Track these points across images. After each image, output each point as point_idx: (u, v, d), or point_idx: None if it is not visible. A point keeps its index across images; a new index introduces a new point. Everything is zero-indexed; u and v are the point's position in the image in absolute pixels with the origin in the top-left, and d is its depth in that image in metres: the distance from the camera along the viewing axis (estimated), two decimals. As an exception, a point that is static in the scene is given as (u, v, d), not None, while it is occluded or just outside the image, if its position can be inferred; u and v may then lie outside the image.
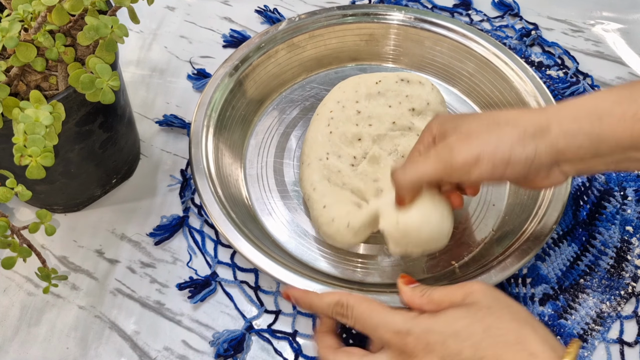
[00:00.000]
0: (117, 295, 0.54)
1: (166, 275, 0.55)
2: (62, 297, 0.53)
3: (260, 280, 0.55)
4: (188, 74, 0.68)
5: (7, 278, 0.54)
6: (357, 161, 0.55)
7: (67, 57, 0.46)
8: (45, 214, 0.43)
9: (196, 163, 0.55)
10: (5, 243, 0.41)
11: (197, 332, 0.52)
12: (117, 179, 0.59)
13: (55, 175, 0.51)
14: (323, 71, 0.68)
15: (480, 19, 0.76)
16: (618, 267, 0.55)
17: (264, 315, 0.53)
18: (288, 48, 0.66)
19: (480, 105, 0.65)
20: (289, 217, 0.57)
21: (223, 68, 0.62)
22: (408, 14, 0.67)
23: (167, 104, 0.66)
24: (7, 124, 0.42)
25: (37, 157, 0.40)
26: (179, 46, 0.71)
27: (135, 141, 0.61)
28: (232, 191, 0.57)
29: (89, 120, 0.49)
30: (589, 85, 0.69)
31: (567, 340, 0.51)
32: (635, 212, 0.58)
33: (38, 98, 0.43)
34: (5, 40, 0.41)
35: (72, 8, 0.44)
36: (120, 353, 0.51)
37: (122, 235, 0.57)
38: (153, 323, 0.52)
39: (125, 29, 0.45)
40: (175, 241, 0.57)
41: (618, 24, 0.76)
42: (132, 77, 0.68)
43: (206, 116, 0.59)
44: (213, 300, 0.54)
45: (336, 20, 0.67)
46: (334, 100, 0.59)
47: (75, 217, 0.58)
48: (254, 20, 0.74)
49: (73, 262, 0.55)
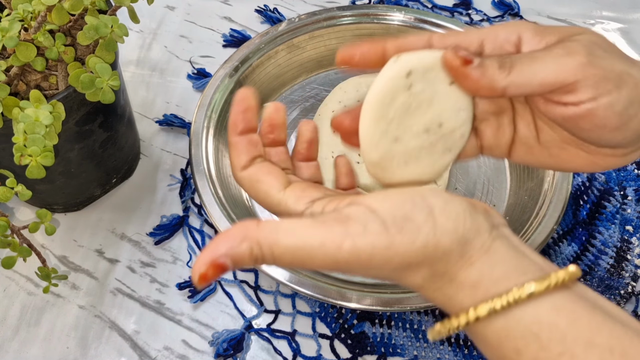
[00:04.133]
0: (117, 295, 0.54)
1: (166, 275, 0.55)
2: (62, 297, 0.53)
3: (260, 279, 0.55)
4: (188, 73, 0.68)
5: (7, 278, 0.54)
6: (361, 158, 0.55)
7: (67, 56, 0.46)
8: (45, 213, 0.44)
9: (196, 164, 0.55)
10: (5, 243, 0.41)
11: (197, 332, 0.52)
12: (117, 179, 0.59)
13: (55, 175, 0.51)
14: (323, 72, 0.68)
15: (480, 18, 0.76)
16: (618, 266, 0.55)
17: (264, 315, 0.53)
18: (288, 49, 0.66)
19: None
20: (289, 217, 0.57)
21: (223, 69, 0.62)
22: (408, 14, 0.67)
23: (167, 103, 0.66)
24: (7, 123, 0.42)
25: (37, 157, 0.40)
26: (179, 46, 0.71)
27: (135, 141, 0.61)
28: (232, 192, 0.57)
29: (89, 120, 0.49)
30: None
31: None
32: (635, 212, 0.58)
33: (38, 98, 0.43)
34: (5, 39, 0.41)
35: (72, 8, 0.44)
36: (120, 353, 0.51)
37: (122, 235, 0.57)
38: (153, 323, 0.52)
39: (125, 29, 0.45)
40: (175, 241, 0.57)
41: (618, 23, 0.76)
42: (132, 77, 0.68)
43: (206, 117, 0.59)
44: (213, 300, 0.54)
45: (336, 21, 0.67)
46: (335, 100, 0.59)
47: (75, 216, 0.58)
48: (254, 20, 0.74)
49: (73, 262, 0.55)
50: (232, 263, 0.27)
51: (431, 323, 0.52)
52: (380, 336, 0.52)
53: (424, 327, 0.52)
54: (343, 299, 0.49)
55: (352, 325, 0.52)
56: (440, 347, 0.51)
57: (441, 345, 0.51)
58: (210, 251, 0.27)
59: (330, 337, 0.52)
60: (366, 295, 0.49)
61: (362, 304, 0.49)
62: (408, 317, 0.53)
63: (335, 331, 0.52)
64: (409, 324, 0.52)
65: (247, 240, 0.27)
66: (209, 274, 0.26)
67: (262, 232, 0.27)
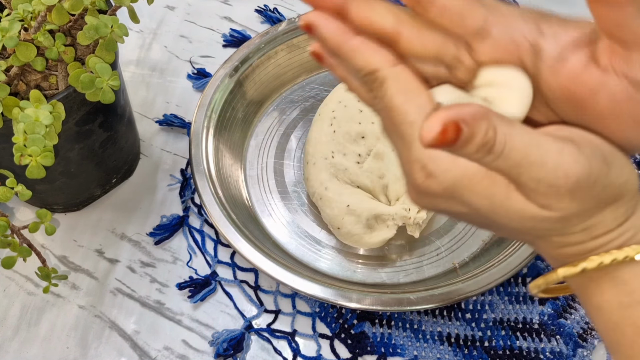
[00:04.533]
0: (117, 295, 0.54)
1: (166, 275, 0.55)
2: (62, 297, 0.53)
3: (260, 279, 0.55)
4: (188, 73, 0.68)
5: (7, 278, 0.54)
6: (362, 158, 0.55)
7: (67, 56, 0.46)
8: (45, 213, 0.44)
9: (196, 165, 0.55)
10: (5, 243, 0.41)
11: (197, 332, 0.52)
12: (117, 179, 0.59)
13: (55, 175, 0.51)
14: (323, 72, 0.68)
15: (481, 19, 0.75)
16: (618, 267, 0.55)
17: (264, 315, 0.53)
18: (288, 49, 0.65)
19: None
20: (289, 218, 0.57)
21: (223, 69, 0.62)
22: (408, 14, 0.66)
23: (167, 103, 0.66)
24: (7, 123, 0.42)
25: (37, 157, 0.40)
26: (179, 46, 0.71)
27: (135, 141, 0.61)
28: (232, 192, 0.57)
29: (89, 120, 0.49)
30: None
31: (567, 340, 0.51)
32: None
33: (38, 98, 0.43)
34: (5, 39, 0.41)
35: (72, 8, 0.44)
36: (120, 353, 0.51)
37: (122, 235, 0.57)
38: (153, 322, 0.52)
39: (125, 29, 0.45)
40: (175, 241, 0.57)
41: (618, 24, 0.75)
42: (132, 77, 0.68)
43: (206, 117, 0.59)
44: (213, 300, 0.54)
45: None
46: (335, 100, 0.59)
47: (75, 216, 0.58)
48: (254, 20, 0.74)
49: (73, 262, 0.55)
50: (467, 134, 0.24)
51: (431, 323, 0.52)
52: (380, 336, 0.52)
53: (423, 327, 0.52)
54: (343, 299, 0.49)
55: (352, 325, 0.52)
56: (440, 347, 0.51)
57: (441, 345, 0.51)
58: (455, 112, 0.24)
59: (330, 337, 0.52)
60: (366, 295, 0.49)
61: (362, 304, 0.49)
62: (408, 317, 0.53)
63: (335, 331, 0.52)
64: (409, 324, 0.52)
65: (486, 119, 0.24)
66: (449, 133, 0.23)
67: (499, 120, 0.25)
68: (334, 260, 0.55)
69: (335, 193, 0.53)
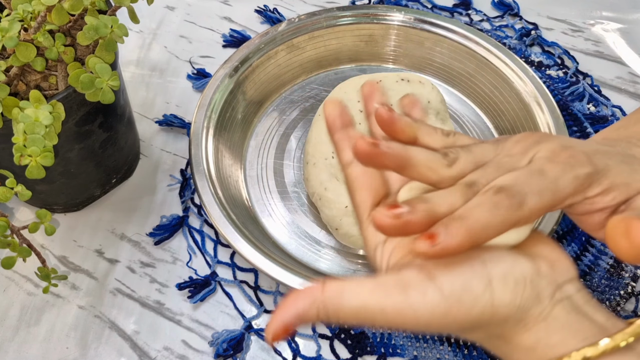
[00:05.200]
0: (116, 295, 0.54)
1: (166, 275, 0.55)
2: (62, 297, 0.53)
3: (259, 280, 0.55)
4: (188, 73, 0.68)
5: (7, 278, 0.54)
6: None
7: (66, 56, 0.46)
8: (45, 213, 0.43)
9: (196, 165, 0.55)
10: (5, 243, 0.41)
11: (196, 332, 0.52)
12: (117, 179, 0.59)
13: (55, 175, 0.51)
14: (323, 72, 0.68)
15: (480, 18, 0.76)
16: (618, 266, 0.55)
17: (264, 315, 0.53)
18: (288, 49, 0.66)
19: (480, 106, 0.65)
20: (289, 218, 0.57)
21: (223, 69, 0.62)
22: (408, 14, 0.67)
23: (167, 103, 0.66)
24: (6, 123, 0.42)
25: (36, 157, 0.40)
26: (178, 46, 0.71)
27: (135, 141, 0.61)
28: (232, 192, 0.57)
29: (89, 120, 0.49)
30: (589, 85, 0.69)
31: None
32: (635, 212, 0.58)
33: (38, 98, 0.43)
34: (5, 40, 0.41)
35: (72, 8, 0.44)
36: (120, 353, 0.51)
37: (122, 235, 0.57)
38: (153, 323, 0.52)
39: (125, 29, 0.45)
40: (175, 241, 0.57)
41: (618, 23, 0.76)
42: (132, 77, 0.68)
43: (206, 117, 0.59)
44: (213, 300, 0.54)
45: (336, 21, 0.67)
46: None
47: (75, 217, 0.58)
48: (254, 20, 0.74)
49: (73, 262, 0.55)
50: (301, 324, 0.30)
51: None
52: (380, 336, 0.52)
53: (423, 328, 0.52)
54: (343, 299, 0.49)
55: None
56: (440, 347, 0.51)
57: (441, 346, 0.51)
58: (281, 316, 0.30)
59: (330, 338, 0.52)
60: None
61: (362, 304, 0.49)
62: (408, 317, 0.53)
63: (335, 331, 0.52)
64: (409, 324, 0.52)
65: (315, 304, 0.30)
66: (280, 336, 0.30)
67: (327, 295, 0.30)
68: (334, 260, 0.55)
69: (334, 194, 0.53)
